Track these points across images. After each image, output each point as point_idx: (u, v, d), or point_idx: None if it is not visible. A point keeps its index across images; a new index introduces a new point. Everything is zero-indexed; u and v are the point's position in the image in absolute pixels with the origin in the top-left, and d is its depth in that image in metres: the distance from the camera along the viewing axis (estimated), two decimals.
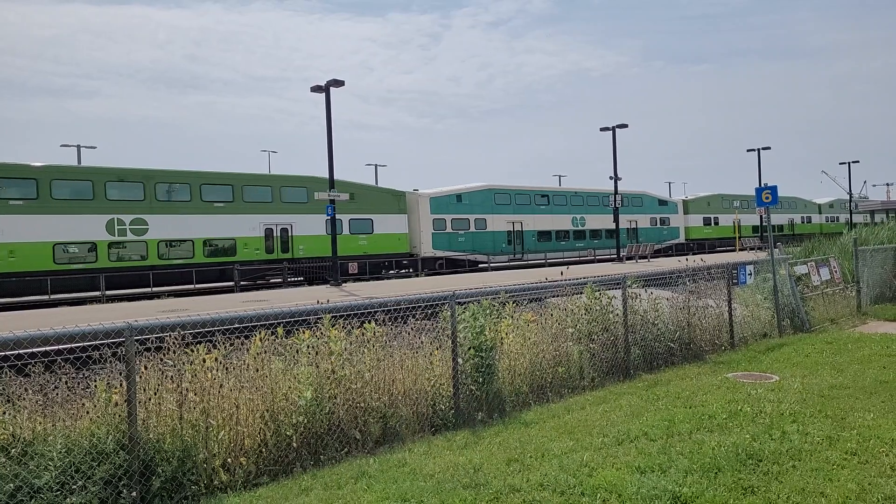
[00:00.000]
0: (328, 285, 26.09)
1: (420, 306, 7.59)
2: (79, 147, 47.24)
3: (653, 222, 49.76)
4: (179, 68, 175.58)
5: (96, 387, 5.42)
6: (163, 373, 5.59)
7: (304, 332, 6.44)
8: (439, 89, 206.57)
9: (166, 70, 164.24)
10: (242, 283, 28.50)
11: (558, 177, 73.19)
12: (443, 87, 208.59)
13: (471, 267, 37.43)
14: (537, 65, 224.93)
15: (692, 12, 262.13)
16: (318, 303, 7.40)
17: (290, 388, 6.06)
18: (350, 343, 6.61)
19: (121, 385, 5.23)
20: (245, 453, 5.64)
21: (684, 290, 10.94)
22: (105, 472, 4.90)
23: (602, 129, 38.01)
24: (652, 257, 39.31)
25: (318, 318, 6.62)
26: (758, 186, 13.37)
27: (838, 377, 8.36)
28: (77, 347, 5.27)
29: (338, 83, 25.35)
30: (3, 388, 5.40)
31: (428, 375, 7.13)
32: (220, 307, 16.37)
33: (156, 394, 5.45)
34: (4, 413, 5.07)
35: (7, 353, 5.04)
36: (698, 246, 51.87)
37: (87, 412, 5.28)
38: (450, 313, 7.12)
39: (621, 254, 38.40)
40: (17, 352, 5.34)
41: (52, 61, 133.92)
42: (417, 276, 33.50)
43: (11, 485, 4.64)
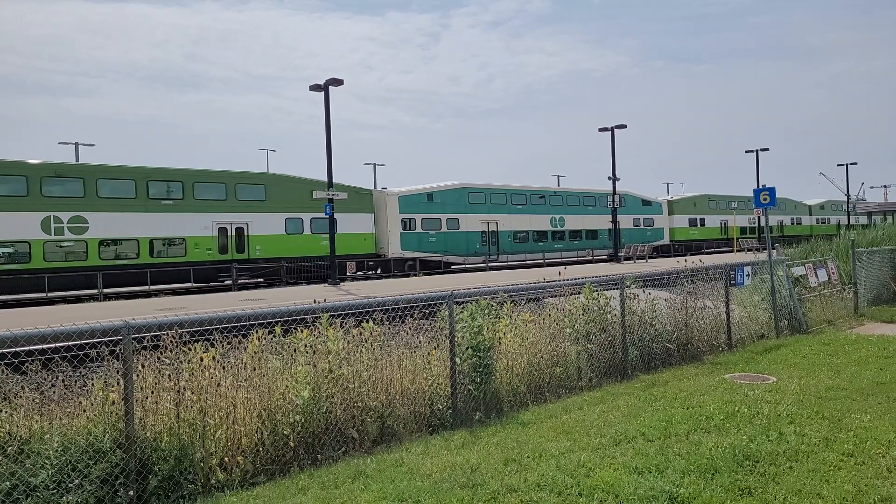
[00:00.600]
0: (326, 284, 26.08)
1: (418, 306, 7.59)
2: (76, 145, 47.11)
3: (636, 223, 48.15)
4: (178, 67, 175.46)
5: (93, 385, 5.41)
6: (160, 371, 5.58)
7: (302, 332, 6.43)
8: (438, 89, 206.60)
9: (165, 69, 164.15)
10: (193, 284, 27.23)
11: (557, 177, 73.14)
12: (442, 86, 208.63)
13: (444, 268, 35.98)
14: (536, 65, 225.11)
15: (691, 12, 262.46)
16: (315, 301, 7.40)
17: (287, 387, 6.06)
18: (348, 342, 6.61)
19: (118, 383, 5.23)
20: (242, 452, 5.63)
21: (682, 291, 10.95)
22: (102, 470, 4.90)
23: (601, 130, 38.07)
24: (638, 258, 39.08)
25: (316, 318, 6.61)
26: (756, 188, 13.37)
27: (835, 378, 8.37)
28: (74, 346, 5.26)
29: (337, 82, 25.33)
30: (0, 386, 5.39)
31: (426, 375, 7.13)
32: (218, 306, 16.36)
33: (153, 392, 5.44)
34: (1, 411, 5.06)
35: (4, 350, 5.02)
36: (684, 248, 50.46)
37: (84, 410, 5.27)
38: (448, 313, 7.12)
39: (619, 254, 38.43)
40: (13, 349, 5.34)
41: (50, 59, 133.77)
42: (385, 277, 32.05)
43: (8, 483, 4.63)
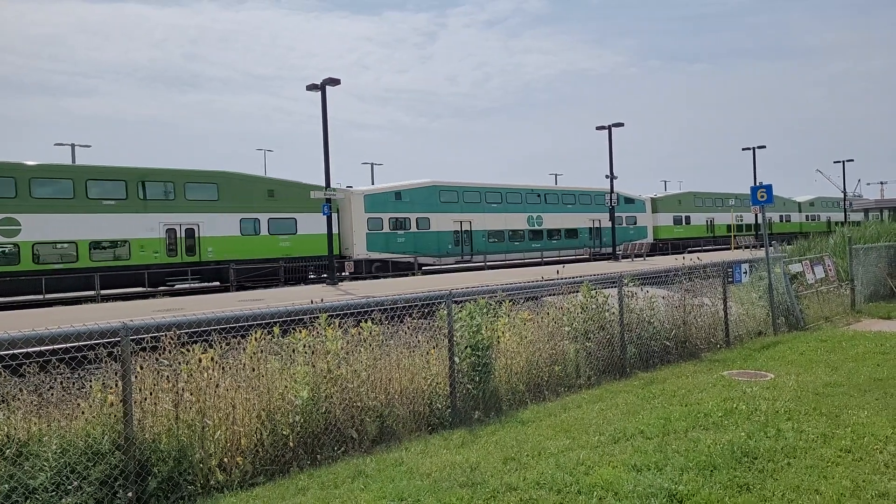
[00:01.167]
0: (324, 284, 26.07)
1: (416, 305, 7.59)
2: (73, 146, 47.04)
3: (618, 221, 45.48)
4: (177, 67, 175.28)
5: (91, 387, 5.41)
6: (158, 373, 5.57)
7: (301, 332, 6.43)
8: (436, 88, 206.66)
9: (164, 69, 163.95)
10: (139, 289, 25.95)
11: (554, 175, 73.01)
12: (439, 86, 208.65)
13: (413, 269, 34.40)
14: (534, 64, 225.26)
15: (688, 12, 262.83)
16: (313, 302, 7.40)
17: (286, 387, 6.06)
18: (346, 342, 6.61)
19: (116, 385, 5.22)
20: (241, 453, 5.63)
21: (680, 289, 10.97)
22: (101, 472, 4.89)
23: (598, 128, 38.11)
24: (635, 256, 38.93)
25: (315, 318, 6.61)
26: (753, 185, 13.40)
27: (833, 375, 8.39)
28: (72, 347, 5.25)
29: (334, 82, 25.34)
30: None
31: (424, 374, 7.13)
32: (216, 307, 16.35)
33: (151, 394, 5.44)
34: None
35: (2, 353, 5.02)
36: (669, 246, 49.02)
37: (83, 412, 5.27)
38: (446, 312, 7.12)
39: (616, 252, 38.50)
40: (11, 352, 5.33)
41: (49, 59, 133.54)
42: (339, 281, 29.67)
43: (6, 486, 4.63)
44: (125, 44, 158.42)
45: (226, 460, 5.53)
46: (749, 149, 49.93)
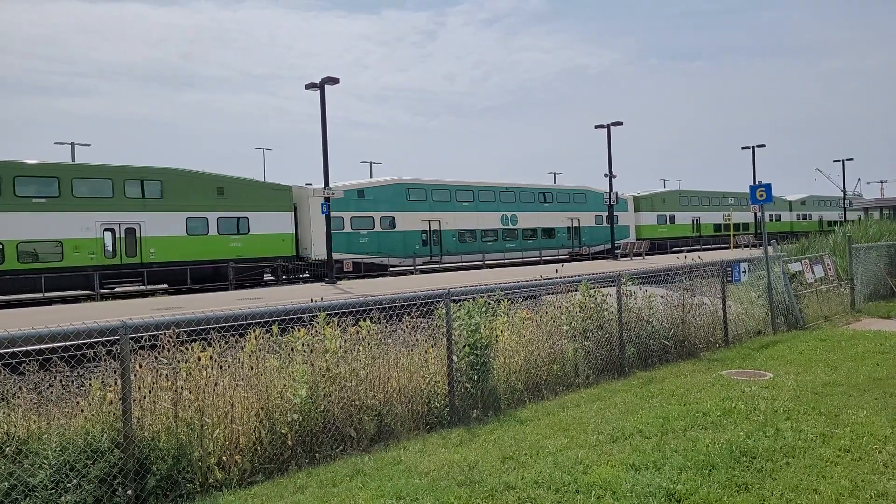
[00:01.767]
0: (323, 283, 26.08)
1: (415, 304, 7.59)
2: (72, 145, 47.03)
3: (598, 220, 45.05)
4: (174, 66, 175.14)
5: (91, 385, 5.41)
6: (157, 371, 5.58)
7: (299, 331, 6.44)
8: (434, 87, 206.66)
9: (161, 68, 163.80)
10: (74, 293, 24.24)
11: (553, 174, 73.02)
12: (438, 84, 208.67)
13: (379, 271, 32.94)
14: (532, 62, 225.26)
15: (686, 9, 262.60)
16: (312, 301, 7.40)
17: (285, 386, 6.06)
18: (345, 341, 6.61)
19: (115, 383, 5.23)
20: (240, 451, 5.63)
21: (679, 288, 10.97)
22: (100, 470, 4.90)
23: (597, 127, 38.12)
24: (634, 255, 38.78)
25: (313, 316, 6.61)
26: (752, 184, 13.39)
27: (832, 374, 8.40)
28: (71, 346, 5.26)
29: (332, 80, 25.34)
30: None
31: (423, 373, 7.14)
32: (215, 305, 16.36)
33: (150, 392, 5.44)
34: None
35: (1, 351, 5.02)
36: (652, 246, 46.88)
37: (82, 410, 5.28)
38: (445, 311, 7.13)
39: (616, 251, 38.53)
40: (11, 350, 5.34)
41: (46, 59, 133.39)
42: (306, 282, 29.15)
43: (6, 483, 4.63)
44: (122, 43, 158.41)
45: (224, 458, 5.53)
46: (748, 148, 49.93)
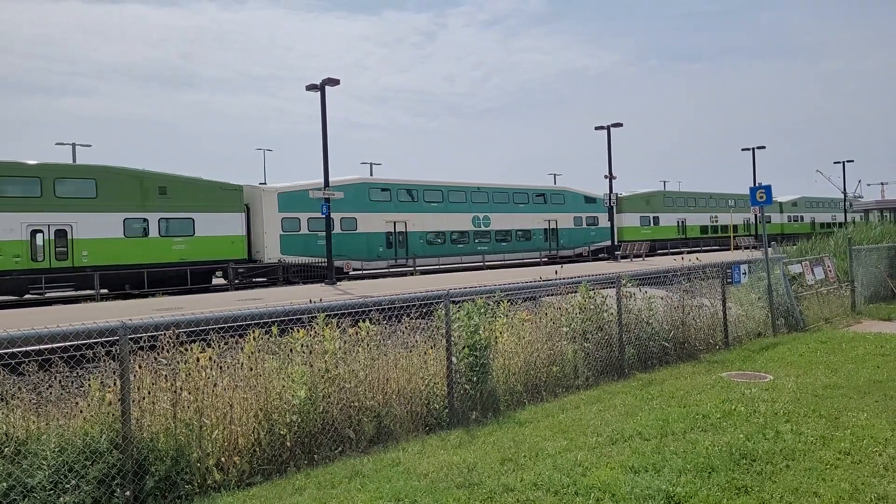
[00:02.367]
0: (323, 284, 26.06)
1: (414, 305, 7.58)
2: (74, 145, 47.01)
3: (577, 222, 43.77)
4: (174, 67, 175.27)
5: (90, 386, 5.41)
6: (157, 372, 5.57)
7: (299, 331, 6.43)
8: (434, 88, 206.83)
9: (161, 69, 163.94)
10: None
11: (553, 175, 72.99)
12: (438, 86, 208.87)
13: (338, 275, 30.47)
14: (532, 63, 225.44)
15: (686, 10, 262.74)
16: (311, 302, 7.40)
17: (284, 387, 6.06)
18: (344, 342, 6.61)
19: (114, 384, 5.22)
20: (239, 452, 5.63)
21: (679, 290, 10.96)
22: (98, 471, 4.89)
23: (597, 128, 38.11)
24: (634, 257, 38.61)
25: (313, 317, 6.61)
26: (752, 186, 13.39)
27: (832, 377, 8.38)
28: (71, 346, 5.26)
29: (333, 82, 25.33)
30: None
31: (422, 374, 7.13)
32: (215, 306, 16.36)
33: (150, 393, 5.43)
34: None
35: (0, 351, 5.02)
36: (617, 250, 46.65)
37: (81, 411, 5.27)
38: (444, 312, 7.12)
39: (616, 252, 38.52)
40: (10, 350, 5.33)
41: (47, 59, 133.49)
42: (263, 286, 27.87)
43: (5, 484, 4.63)
44: (122, 44, 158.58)
45: (223, 460, 5.53)
46: (749, 149, 49.88)
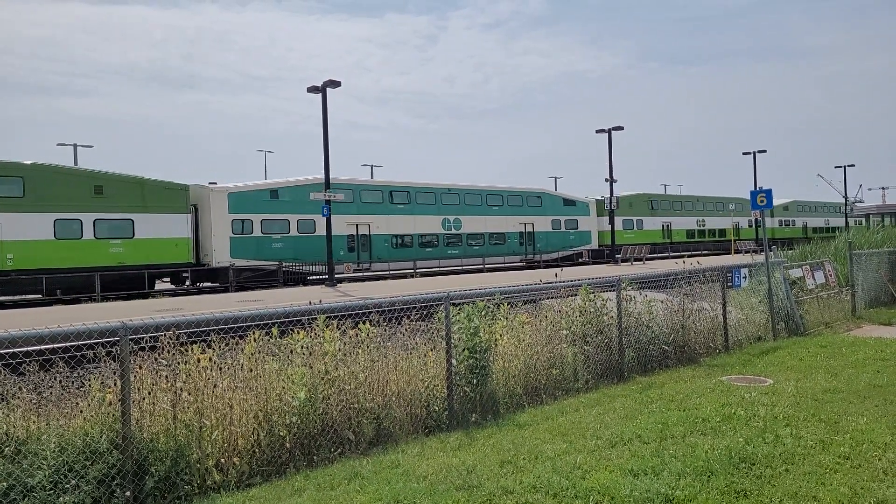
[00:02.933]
0: (323, 286, 26.07)
1: (414, 307, 7.59)
2: (75, 146, 47.10)
3: (555, 225, 42.63)
4: (175, 67, 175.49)
5: (90, 386, 5.41)
6: (157, 372, 5.58)
7: (299, 333, 6.44)
8: (435, 90, 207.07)
9: (162, 69, 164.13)
10: None
11: (554, 178, 73.09)
12: (438, 87, 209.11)
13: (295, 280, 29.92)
14: (532, 65, 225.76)
15: (686, 13, 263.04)
16: (311, 303, 7.40)
17: (283, 388, 6.06)
18: (344, 344, 6.61)
19: (115, 384, 5.23)
20: (238, 453, 5.63)
21: (679, 293, 10.96)
22: (98, 471, 4.90)
23: (598, 132, 38.16)
24: (635, 260, 38.59)
25: (313, 319, 6.61)
26: (753, 189, 13.41)
27: (832, 381, 8.38)
28: (71, 346, 5.26)
29: (334, 84, 25.38)
30: None
31: (422, 376, 7.13)
32: (215, 307, 16.36)
33: (150, 393, 5.44)
34: None
35: (1, 351, 5.03)
36: (617, 253, 45.42)
37: (81, 411, 5.28)
38: (444, 314, 7.12)
39: (616, 255, 38.51)
40: (11, 350, 5.34)
41: (48, 60, 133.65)
42: (209, 292, 26.61)
43: (5, 483, 4.63)
44: (123, 44, 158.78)
45: (223, 461, 5.53)
46: (749, 153, 49.92)
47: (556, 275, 20.00)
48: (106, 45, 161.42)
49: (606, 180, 38.82)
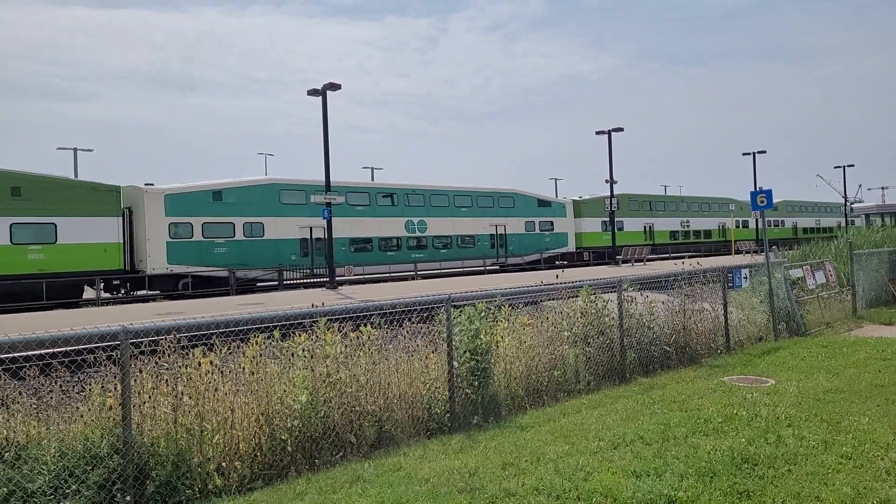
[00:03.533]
0: (324, 288, 26.06)
1: (416, 310, 7.58)
2: (75, 150, 47.06)
3: (529, 227, 41.10)
4: (176, 71, 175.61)
5: (91, 390, 5.40)
6: (158, 376, 5.57)
7: (300, 336, 6.43)
8: (435, 92, 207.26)
9: (162, 72, 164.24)
10: None
11: (554, 180, 73.11)
12: (439, 89, 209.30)
13: (242, 287, 28.03)
14: (533, 67, 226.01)
15: (686, 13, 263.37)
16: (313, 306, 7.39)
17: (285, 391, 6.05)
18: (345, 346, 6.60)
19: (115, 388, 5.22)
20: (240, 457, 5.62)
21: (680, 294, 10.96)
22: (99, 476, 4.89)
23: (598, 133, 38.18)
24: (636, 261, 38.60)
25: (314, 322, 6.61)
26: (753, 190, 13.41)
27: (834, 381, 8.37)
28: (72, 351, 5.26)
29: (334, 87, 25.40)
30: None
31: (423, 379, 7.13)
32: (216, 310, 16.35)
33: (150, 397, 5.43)
34: None
35: (2, 356, 5.02)
36: (595, 255, 44.08)
37: (82, 416, 5.27)
38: (445, 316, 7.12)
39: (617, 257, 38.53)
40: (11, 355, 5.32)
41: (48, 63, 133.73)
42: (143, 300, 25.09)
43: (5, 489, 4.62)
44: (124, 48, 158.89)
45: (224, 465, 5.52)
46: (749, 153, 49.95)
47: (556, 276, 20.02)
48: (107, 48, 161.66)
49: (607, 181, 38.84)
